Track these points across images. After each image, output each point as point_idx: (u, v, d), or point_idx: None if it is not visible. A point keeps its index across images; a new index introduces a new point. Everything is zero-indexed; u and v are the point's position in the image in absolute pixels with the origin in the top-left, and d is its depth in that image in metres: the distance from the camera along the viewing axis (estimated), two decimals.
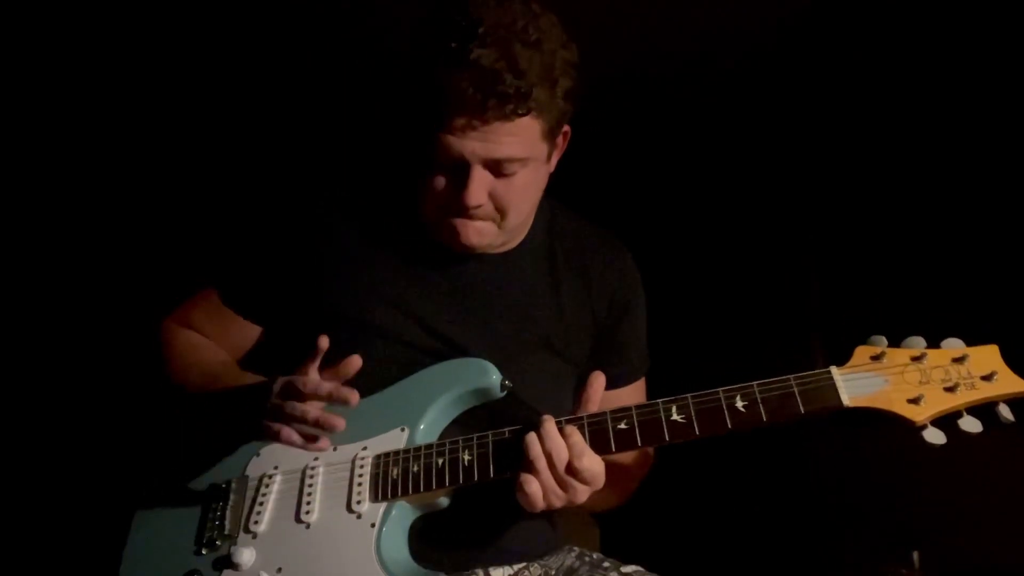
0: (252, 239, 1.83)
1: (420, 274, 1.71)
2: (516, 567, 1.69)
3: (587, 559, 1.74)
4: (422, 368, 1.63)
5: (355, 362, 1.49)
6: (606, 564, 1.70)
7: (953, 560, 2.94)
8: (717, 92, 3.43)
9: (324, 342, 1.49)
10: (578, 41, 1.56)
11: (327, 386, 1.47)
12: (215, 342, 1.82)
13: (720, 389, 1.38)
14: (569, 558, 1.75)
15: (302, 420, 1.48)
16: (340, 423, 1.47)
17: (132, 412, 2.00)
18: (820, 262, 3.67)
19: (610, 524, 3.00)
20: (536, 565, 1.71)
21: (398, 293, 1.69)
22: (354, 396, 1.47)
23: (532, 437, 1.40)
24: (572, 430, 1.41)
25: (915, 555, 2.90)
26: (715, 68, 3.31)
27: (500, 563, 1.67)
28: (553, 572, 1.71)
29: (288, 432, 1.49)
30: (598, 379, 1.51)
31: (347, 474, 1.55)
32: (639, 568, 1.67)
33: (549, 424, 1.41)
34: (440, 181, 1.56)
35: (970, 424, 1.26)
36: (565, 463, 1.38)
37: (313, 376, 1.49)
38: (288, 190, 1.91)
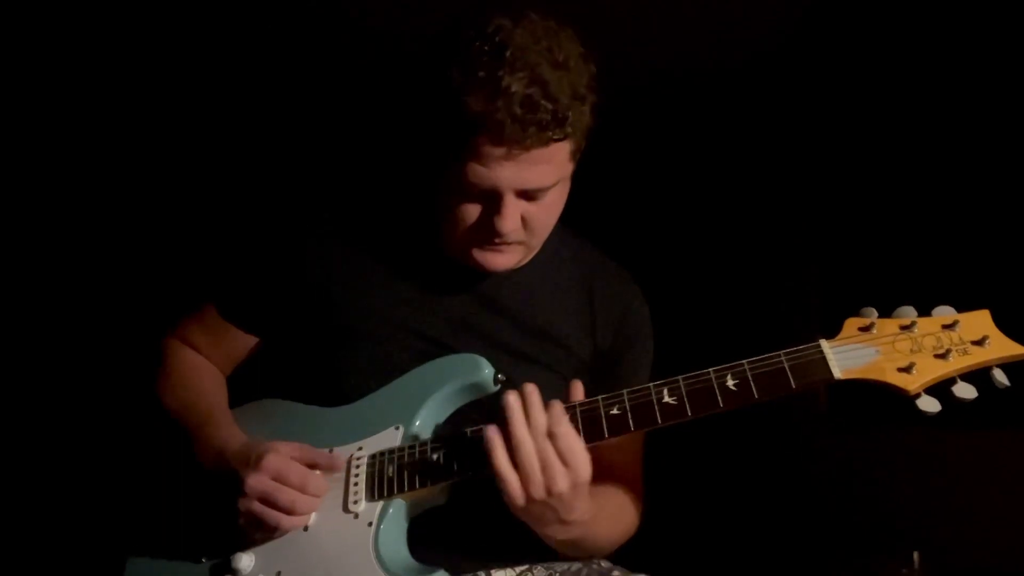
0: (252, 251, 1.76)
1: (425, 288, 1.64)
2: (519, 568, 1.59)
3: (595, 566, 1.64)
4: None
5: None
6: (616, 573, 1.61)
7: (953, 560, 2.87)
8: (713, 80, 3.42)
9: None
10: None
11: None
12: (208, 353, 1.76)
13: (711, 369, 1.30)
14: (576, 563, 1.65)
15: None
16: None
17: (132, 424, 1.95)
18: (818, 248, 3.66)
19: None
20: (540, 567, 1.61)
21: (400, 306, 1.62)
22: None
23: (513, 401, 1.30)
24: (554, 402, 1.31)
25: (915, 555, 2.82)
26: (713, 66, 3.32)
27: (503, 564, 1.57)
28: (558, 575, 1.61)
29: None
30: (576, 388, 1.40)
31: (343, 475, 1.48)
32: None
33: (529, 385, 1.32)
34: (468, 210, 1.46)
35: (964, 390, 1.18)
36: (544, 428, 1.28)
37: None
38: (291, 202, 1.86)
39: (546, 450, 1.28)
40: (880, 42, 3.14)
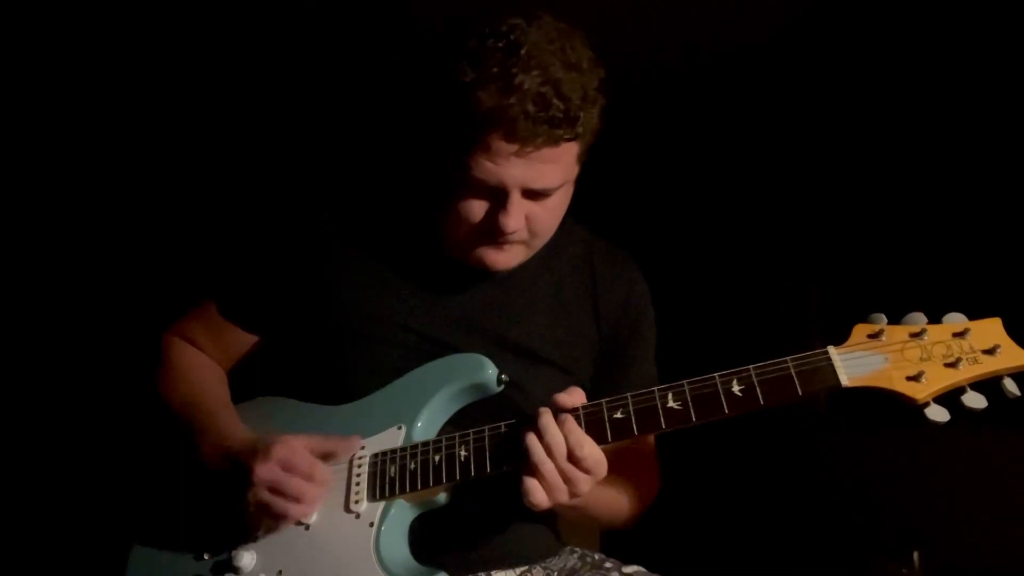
0: (252, 250, 1.75)
1: (426, 288, 1.62)
2: (519, 570, 1.60)
3: (588, 560, 1.65)
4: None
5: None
6: (608, 564, 1.61)
7: (953, 560, 2.85)
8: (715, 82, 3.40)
9: None
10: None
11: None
12: (208, 350, 1.75)
13: (716, 374, 1.28)
14: (571, 560, 1.66)
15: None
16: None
17: (132, 420, 1.94)
18: (819, 248, 3.64)
19: None
20: (538, 568, 1.62)
21: (402, 306, 1.60)
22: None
23: (531, 437, 1.31)
24: (566, 417, 1.31)
25: (915, 555, 2.81)
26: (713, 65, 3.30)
27: (502, 566, 1.58)
28: (555, 574, 1.61)
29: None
30: (574, 393, 1.39)
31: (345, 474, 1.47)
32: (640, 568, 1.57)
33: (546, 417, 1.32)
34: (473, 207, 1.45)
35: (974, 400, 1.16)
36: (565, 455, 1.29)
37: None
38: (292, 201, 1.85)
39: (568, 469, 1.30)
40: (888, 42, 3.11)
